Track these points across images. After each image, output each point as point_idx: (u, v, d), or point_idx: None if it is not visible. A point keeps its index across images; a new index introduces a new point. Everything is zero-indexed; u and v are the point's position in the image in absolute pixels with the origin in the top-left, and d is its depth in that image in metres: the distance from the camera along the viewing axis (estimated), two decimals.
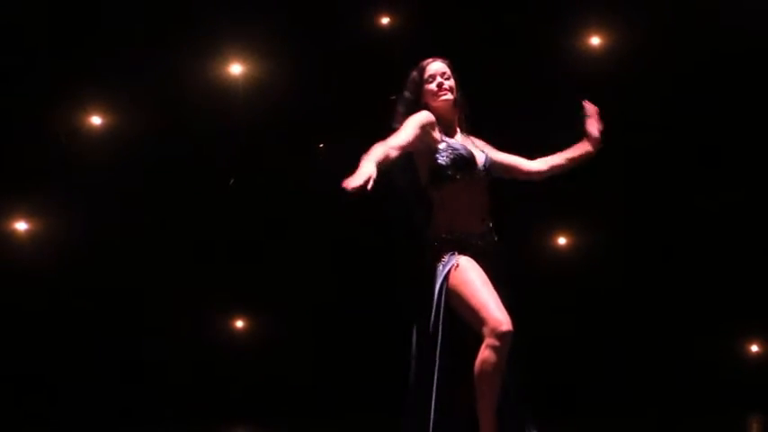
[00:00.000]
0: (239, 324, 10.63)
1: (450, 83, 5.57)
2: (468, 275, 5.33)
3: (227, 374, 10.43)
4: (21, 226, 10.25)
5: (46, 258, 10.16)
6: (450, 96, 5.57)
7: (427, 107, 5.53)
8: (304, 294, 10.44)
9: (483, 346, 5.21)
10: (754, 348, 10.49)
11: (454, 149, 5.45)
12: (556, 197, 10.16)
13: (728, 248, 10.32)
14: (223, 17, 10.12)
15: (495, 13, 10.16)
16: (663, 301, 10.34)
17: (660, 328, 10.33)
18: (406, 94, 5.62)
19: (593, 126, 5.91)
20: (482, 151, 5.65)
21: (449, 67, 5.63)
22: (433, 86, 5.54)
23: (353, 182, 4.88)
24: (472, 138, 5.74)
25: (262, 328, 10.59)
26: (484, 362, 5.19)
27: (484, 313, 5.23)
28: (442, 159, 5.43)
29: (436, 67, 5.58)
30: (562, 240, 10.60)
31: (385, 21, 10.38)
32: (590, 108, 5.95)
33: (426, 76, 5.56)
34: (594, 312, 10.30)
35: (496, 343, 5.17)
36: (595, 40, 10.31)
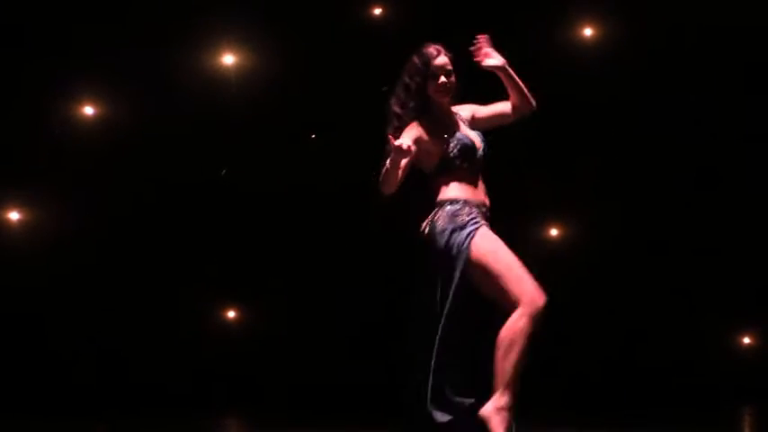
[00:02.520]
0: (231, 314, 10.63)
1: (452, 79, 5.57)
2: (495, 242, 5.35)
3: (218, 365, 10.42)
4: (13, 216, 10.24)
5: (38, 248, 10.15)
6: (450, 95, 5.59)
7: (429, 98, 5.54)
8: (298, 285, 10.43)
9: (518, 314, 5.21)
10: (746, 340, 10.50)
11: (459, 140, 5.48)
12: (548, 189, 10.20)
13: (721, 241, 10.32)
14: (216, 8, 10.10)
15: (487, 4, 10.14)
16: (655, 293, 10.34)
17: (652, 321, 10.33)
18: (407, 80, 5.59)
19: (484, 57, 5.71)
20: (477, 132, 5.65)
21: (451, 61, 5.61)
22: (436, 82, 5.53)
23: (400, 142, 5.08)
24: (461, 112, 5.74)
25: (254, 319, 10.58)
26: (518, 330, 5.19)
27: (523, 286, 5.25)
28: (452, 152, 5.45)
29: (441, 62, 5.55)
30: (554, 232, 10.60)
31: (377, 11, 10.37)
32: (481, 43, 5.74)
33: (431, 70, 5.54)
34: (587, 304, 10.30)
35: (534, 313, 5.20)
36: (588, 31, 10.31)
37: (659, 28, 10.15)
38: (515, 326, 5.21)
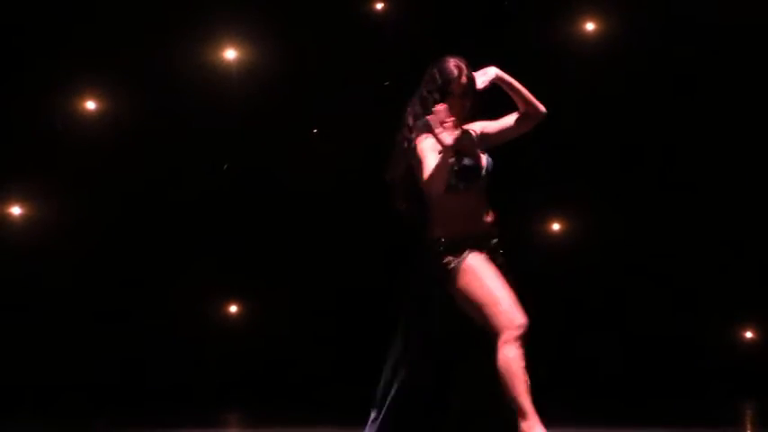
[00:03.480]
0: (233, 309, 10.64)
1: (469, 101, 5.44)
2: (476, 274, 5.29)
3: (219, 359, 10.44)
4: (15, 211, 10.26)
5: (40, 243, 10.16)
6: (467, 116, 5.46)
7: None
8: (300, 279, 10.45)
9: (501, 342, 5.18)
10: (749, 335, 10.50)
11: (459, 161, 5.36)
12: (550, 185, 10.21)
13: (723, 235, 10.32)
14: (217, 3, 10.11)
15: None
16: (656, 288, 10.35)
17: (654, 315, 10.34)
18: (425, 93, 5.44)
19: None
20: (484, 150, 5.53)
21: (471, 80, 5.45)
22: (455, 102, 5.38)
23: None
24: (473, 125, 5.64)
25: (255, 313, 10.59)
26: (507, 360, 5.16)
27: (495, 309, 5.21)
28: (453, 175, 5.31)
29: (462, 82, 5.41)
30: (556, 226, 10.61)
31: (379, 6, 10.37)
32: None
33: (450, 88, 5.38)
34: (589, 297, 10.31)
35: (516, 338, 5.17)
36: (590, 26, 10.31)
37: (661, 23, 10.14)
38: (503, 358, 5.18)
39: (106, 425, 8.81)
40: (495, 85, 5.49)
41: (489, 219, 5.49)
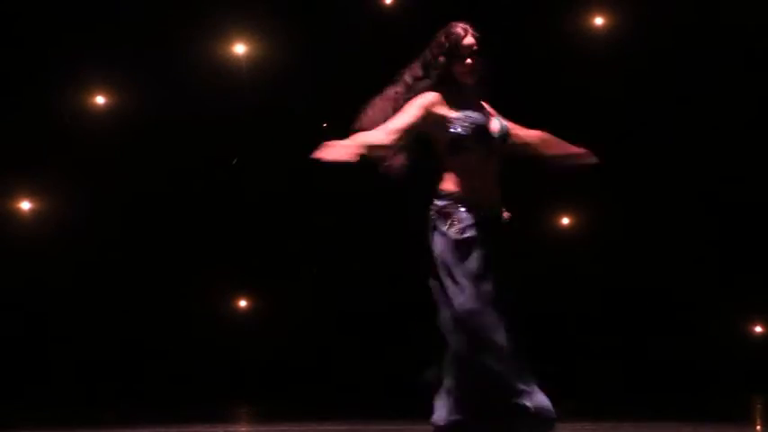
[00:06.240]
0: (242, 304, 10.65)
1: (479, 61, 5.43)
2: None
3: (229, 354, 10.45)
4: (25, 205, 10.28)
5: (50, 237, 10.18)
6: (476, 77, 5.44)
7: (453, 75, 5.38)
8: (306, 274, 10.46)
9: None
10: (758, 329, 10.50)
11: (472, 120, 5.32)
12: (560, 179, 10.19)
13: (733, 228, 10.32)
14: None
15: None
16: (666, 282, 10.34)
17: (663, 309, 10.34)
18: (428, 56, 5.41)
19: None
20: (498, 120, 5.50)
21: (479, 41, 5.45)
22: (464, 63, 5.39)
23: (327, 154, 5.09)
24: (488, 105, 5.60)
25: (264, 308, 10.60)
26: None
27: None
28: (462, 129, 5.29)
29: (469, 41, 5.41)
30: (566, 221, 10.62)
31: (389, 0, 10.37)
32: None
33: (459, 50, 5.38)
34: (599, 291, 10.32)
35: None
36: (599, 21, 10.31)
37: (669, 18, 10.14)
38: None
39: (114, 418, 8.82)
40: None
41: (498, 190, 5.41)
